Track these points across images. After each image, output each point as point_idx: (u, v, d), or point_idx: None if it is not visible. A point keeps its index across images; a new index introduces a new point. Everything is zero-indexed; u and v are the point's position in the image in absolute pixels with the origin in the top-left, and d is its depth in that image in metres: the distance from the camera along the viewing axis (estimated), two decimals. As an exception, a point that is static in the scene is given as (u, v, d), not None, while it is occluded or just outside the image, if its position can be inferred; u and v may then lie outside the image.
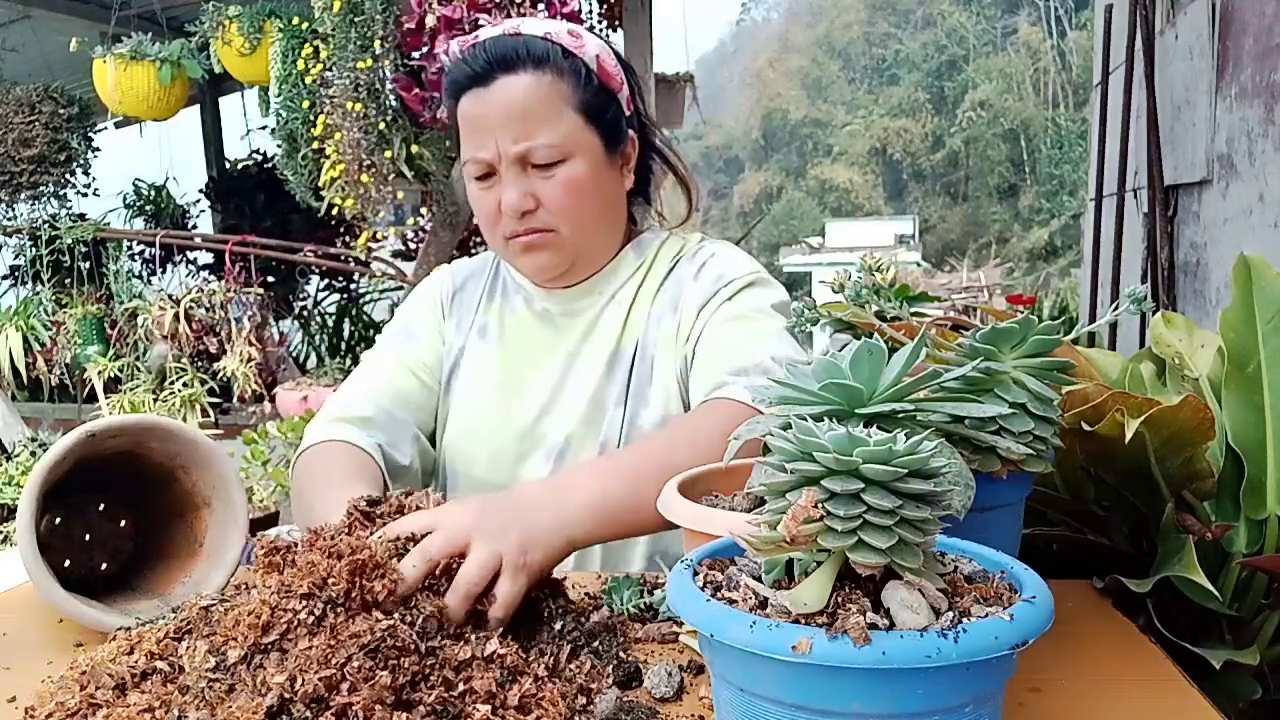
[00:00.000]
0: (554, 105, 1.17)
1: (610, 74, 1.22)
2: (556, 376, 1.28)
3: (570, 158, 1.18)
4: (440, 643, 0.74)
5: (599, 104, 1.21)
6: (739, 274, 1.25)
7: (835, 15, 37.95)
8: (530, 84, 1.16)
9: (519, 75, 1.16)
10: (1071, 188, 25.30)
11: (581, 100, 1.19)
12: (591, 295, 1.30)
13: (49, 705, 0.72)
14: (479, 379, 1.32)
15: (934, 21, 33.94)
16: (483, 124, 1.18)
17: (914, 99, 33.27)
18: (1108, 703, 0.76)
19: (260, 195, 6.39)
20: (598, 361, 1.27)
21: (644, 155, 1.33)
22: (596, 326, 1.29)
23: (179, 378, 4.11)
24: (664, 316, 1.27)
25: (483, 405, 1.31)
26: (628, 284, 1.30)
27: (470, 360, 1.34)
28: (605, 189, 1.24)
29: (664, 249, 1.33)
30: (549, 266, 1.25)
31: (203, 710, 0.68)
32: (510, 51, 1.17)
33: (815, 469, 0.54)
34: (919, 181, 32.63)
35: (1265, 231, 1.91)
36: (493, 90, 1.17)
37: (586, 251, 1.26)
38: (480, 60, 1.17)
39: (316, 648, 0.69)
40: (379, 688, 0.67)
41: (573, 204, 1.19)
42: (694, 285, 1.26)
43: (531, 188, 1.18)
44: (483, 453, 1.29)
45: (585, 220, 1.22)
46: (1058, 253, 24.32)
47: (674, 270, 1.30)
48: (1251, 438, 0.99)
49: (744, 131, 38.86)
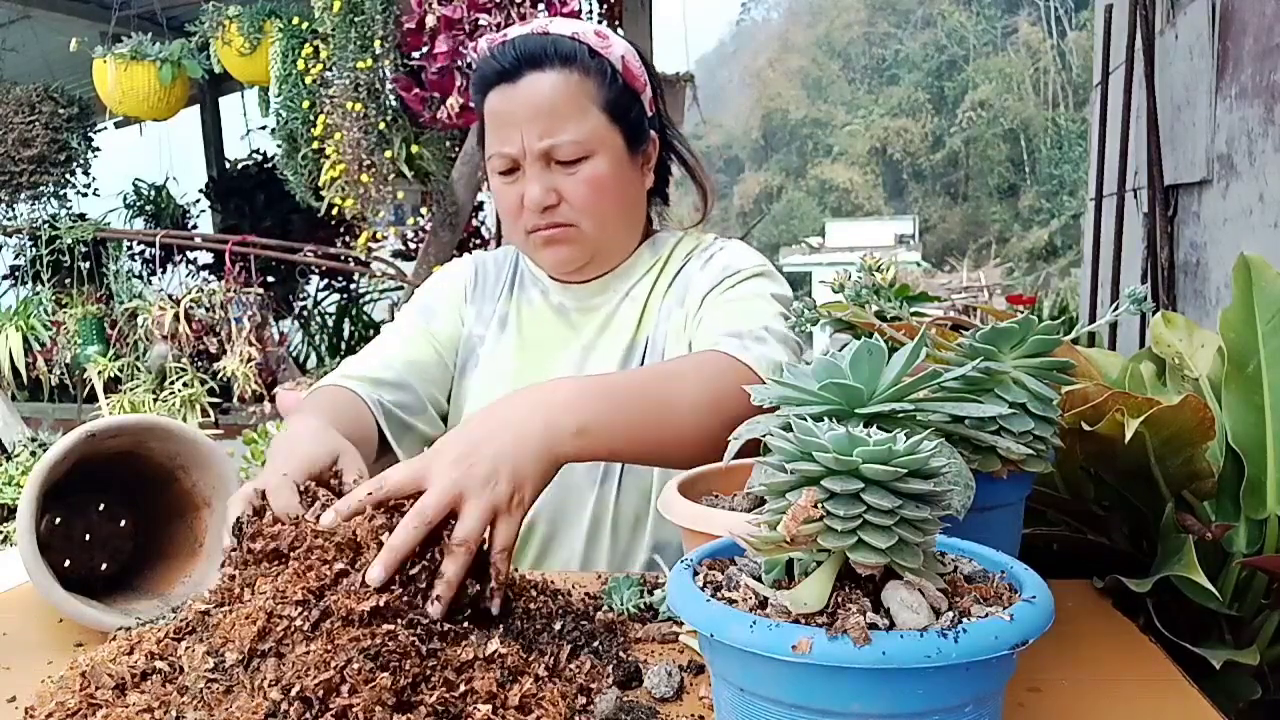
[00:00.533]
0: (579, 103, 1.20)
1: (635, 75, 1.25)
2: (572, 370, 1.30)
3: (593, 155, 1.21)
4: (440, 645, 0.74)
5: (623, 103, 1.23)
6: (745, 265, 1.27)
7: (835, 15, 37.95)
8: (557, 81, 1.19)
9: (546, 72, 1.19)
10: (1071, 188, 25.30)
11: (606, 99, 1.21)
12: (607, 292, 1.32)
13: (49, 705, 0.72)
14: (496, 369, 1.34)
15: (934, 21, 33.93)
16: (509, 119, 1.20)
17: (914, 99, 33.27)
18: (1108, 703, 0.76)
19: (260, 195, 6.39)
20: (613, 356, 1.29)
21: (663, 156, 1.35)
22: (612, 322, 1.31)
23: (179, 378, 4.11)
24: (673, 310, 1.29)
25: (498, 396, 1.31)
26: (643, 280, 1.33)
27: (488, 350, 1.36)
28: (626, 187, 1.26)
29: (679, 247, 1.35)
30: (568, 260, 1.27)
31: (201, 711, 0.68)
32: (539, 49, 1.19)
33: (815, 469, 0.54)
34: (919, 181, 32.63)
35: (1265, 231, 1.91)
36: (520, 87, 1.19)
37: (606, 247, 1.29)
38: (509, 57, 1.20)
39: (314, 651, 0.69)
40: (379, 689, 0.67)
41: (595, 200, 1.22)
42: (701, 275, 1.28)
43: (554, 183, 1.21)
44: None
45: (606, 216, 1.25)
46: (1058, 253, 24.32)
47: (687, 265, 1.32)
48: (1251, 438, 0.99)
49: (744, 131, 38.86)
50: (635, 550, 1.25)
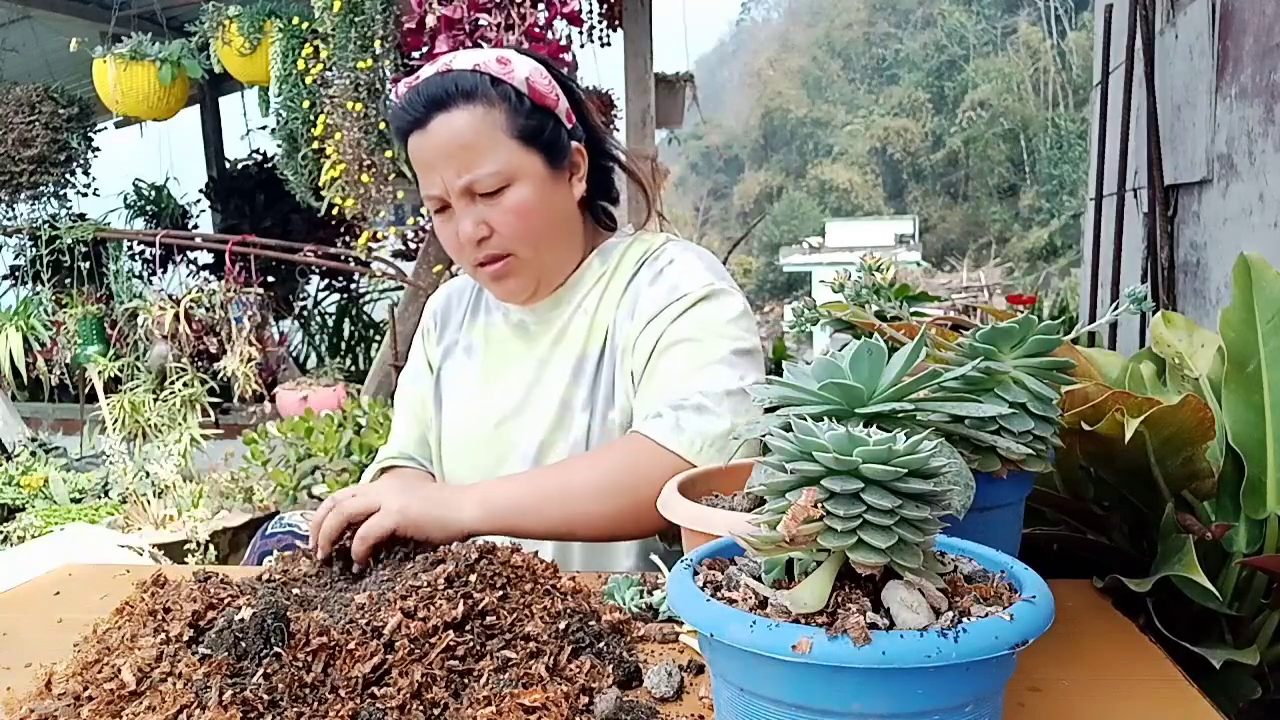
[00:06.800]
0: (489, 135, 1.22)
1: (543, 93, 1.26)
2: (528, 383, 1.33)
3: (514, 182, 1.23)
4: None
5: (535, 125, 1.24)
6: (693, 286, 1.26)
7: (835, 15, 37.93)
8: (464, 119, 1.21)
9: (452, 112, 1.21)
10: (1071, 188, 25.28)
11: (516, 125, 1.23)
12: (560, 305, 1.34)
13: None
14: (462, 392, 1.39)
15: (934, 21, 33.91)
16: (428, 163, 1.24)
17: (914, 99, 33.25)
18: (1108, 703, 0.76)
19: (260, 195, 6.39)
20: (565, 367, 1.31)
21: (598, 161, 1.36)
22: (565, 335, 1.33)
23: (179, 378, 4.11)
24: (625, 323, 1.30)
25: (466, 417, 1.37)
26: (592, 291, 1.34)
27: (453, 376, 1.41)
28: (554, 206, 1.27)
29: (628, 254, 1.35)
30: (517, 291, 1.30)
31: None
32: (440, 91, 1.22)
33: (815, 469, 0.54)
34: (919, 181, 32.61)
35: (1265, 231, 1.91)
36: (430, 132, 1.22)
37: (548, 268, 1.31)
38: (416, 105, 1.23)
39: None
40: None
41: (523, 226, 1.24)
42: (649, 292, 1.29)
43: (483, 216, 1.24)
44: (467, 460, 1.36)
45: (540, 239, 1.27)
46: (1058, 253, 24.29)
47: (637, 274, 1.32)
48: (1251, 437, 0.99)
49: (744, 131, 38.83)
50: (614, 558, 1.28)
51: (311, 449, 3.05)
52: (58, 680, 0.76)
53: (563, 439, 1.28)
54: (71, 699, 0.73)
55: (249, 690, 0.68)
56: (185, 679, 0.69)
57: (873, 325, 0.95)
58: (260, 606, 0.74)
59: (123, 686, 0.71)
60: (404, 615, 0.76)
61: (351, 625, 0.76)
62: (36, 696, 0.76)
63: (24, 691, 0.77)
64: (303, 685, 0.70)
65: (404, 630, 0.75)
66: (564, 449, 1.28)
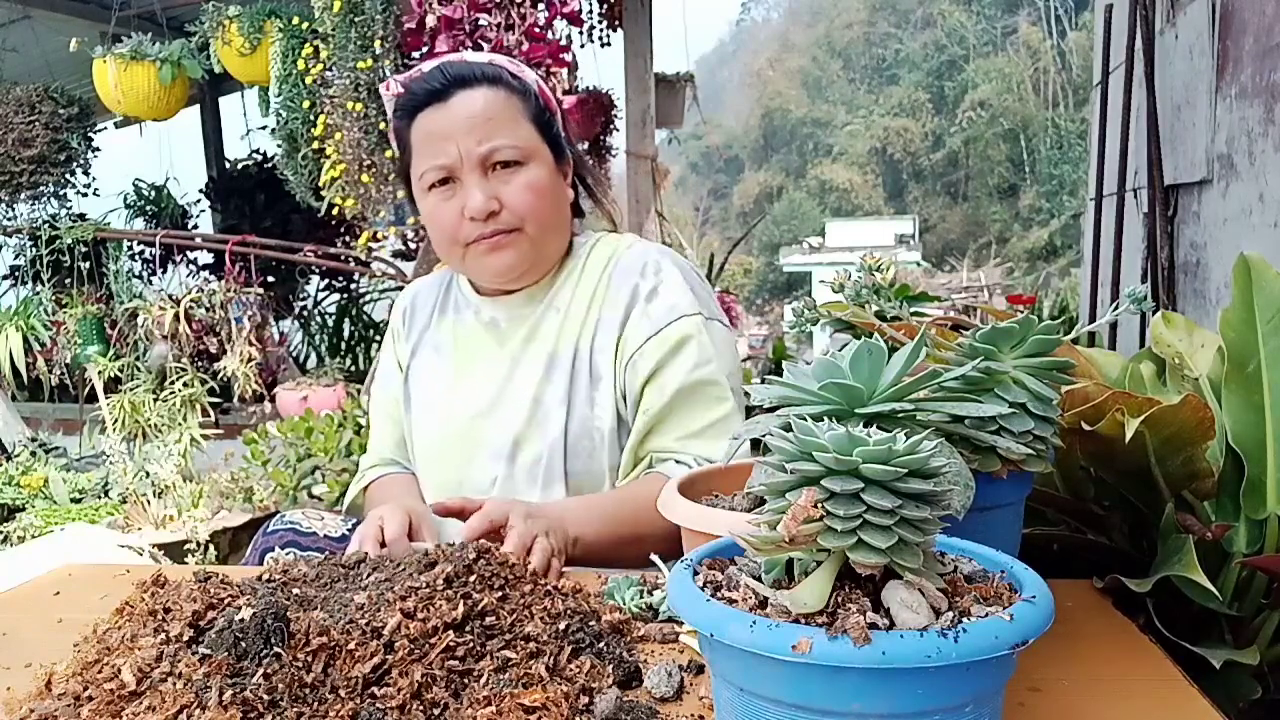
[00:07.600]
0: (512, 113, 1.28)
1: (548, 98, 1.34)
2: (499, 380, 1.34)
3: (530, 161, 1.28)
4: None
5: (546, 119, 1.32)
6: (686, 311, 1.29)
7: (835, 15, 37.94)
8: (489, 94, 1.27)
9: (475, 89, 1.27)
10: (1071, 188, 25.27)
11: (533, 113, 1.30)
12: (533, 302, 1.36)
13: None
14: (432, 389, 1.40)
15: (934, 21, 33.90)
16: (445, 133, 1.26)
17: (914, 99, 33.24)
18: (1108, 703, 0.76)
19: (260, 195, 6.38)
20: (537, 364, 1.32)
21: (575, 173, 1.42)
22: (537, 332, 1.35)
23: (179, 378, 4.11)
24: (610, 327, 1.31)
25: (438, 414, 1.39)
26: (563, 290, 1.36)
27: (422, 374, 1.42)
28: (559, 195, 1.33)
29: (594, 253, 1.38)
30: (513, 265, 1.31)
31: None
32: (465, 71, 1.28)
33: (815, 469, 0.54)
34: (919, 181, 32.61)
35: (1265, 231, 1.91)
36: (451, 104, 1.26)
37: (544, 253, 1.33)
38: (437, 79, 1.27)
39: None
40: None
41: (536, 204, 1.27)
42: (644, 310, 1.30)
43: (494, 190, 1.26)
44: (439, 457, 1.37)
45: (546, 221, 1.30)
46: (1058, 253, 24.29)
47: (610, 276, 1.34)
48: (1251, 438, 0.99)
49: (744, 131, 38.82)
50: None
51: (311, 449, 3.05)
52: (58, 680, 0.76)
53: (538, 436, 1.30)
54: (71, 699, 0.73)
55: (249, 690, 0.68)
56: (185, 679, 0.69)
57: (873, 325, 0.95)
58: (260, 606, 0.74)
59: (123, 686, 0.71)
60: (404, 616, 0.77)
61: (351, 625, 0.76)
62: (36, 696, 0.76)
63: (24, 691, 0.77)
64: (303, 685, 0.70)
65: (404, 630, 0.75)
66: (540, 446, 1.29)
